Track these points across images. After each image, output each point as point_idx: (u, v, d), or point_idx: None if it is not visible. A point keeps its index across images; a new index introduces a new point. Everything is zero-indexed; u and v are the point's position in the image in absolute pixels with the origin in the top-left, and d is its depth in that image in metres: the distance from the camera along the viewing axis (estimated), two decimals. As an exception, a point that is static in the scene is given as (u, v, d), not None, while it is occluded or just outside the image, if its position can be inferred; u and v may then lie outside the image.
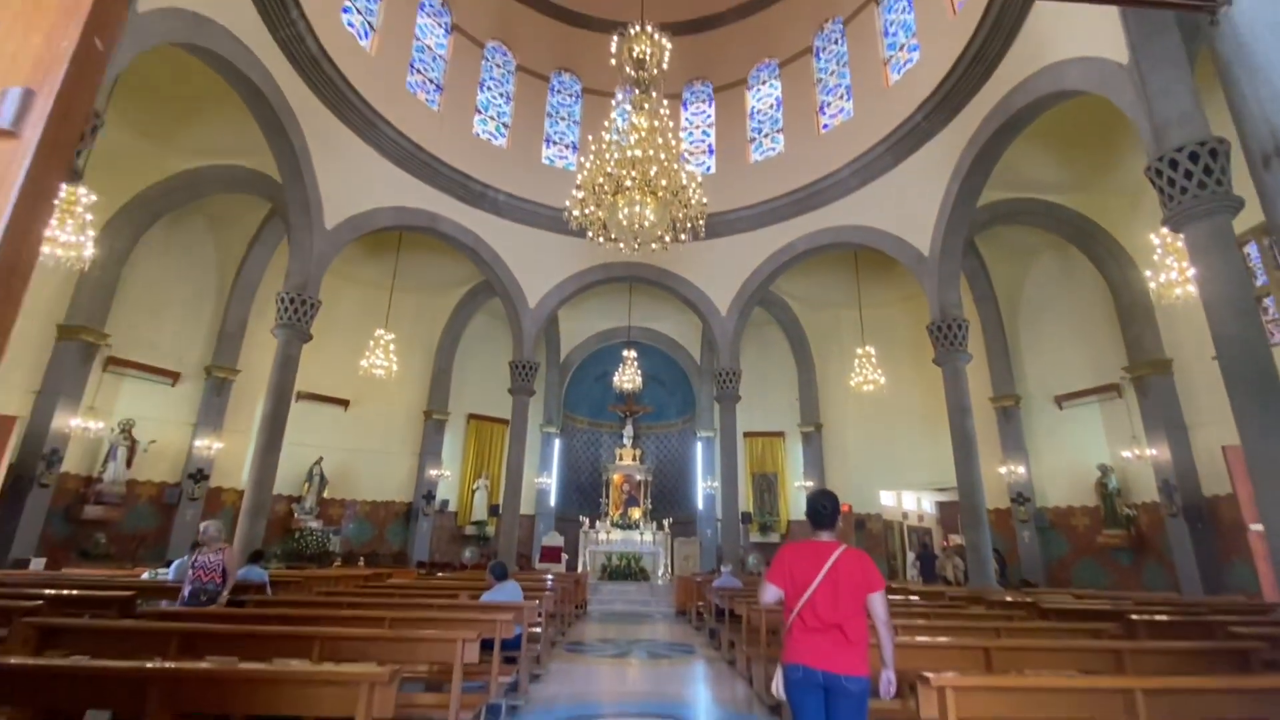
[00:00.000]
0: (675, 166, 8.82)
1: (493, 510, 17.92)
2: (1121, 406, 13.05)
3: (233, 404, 14.60)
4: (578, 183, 9.10)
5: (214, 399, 14.34)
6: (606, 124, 9.20)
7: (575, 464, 21.26)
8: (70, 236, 8.83)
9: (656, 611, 13.50)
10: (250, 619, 4.33)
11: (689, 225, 9.06)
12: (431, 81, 15.34)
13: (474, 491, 18.34)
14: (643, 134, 8.84)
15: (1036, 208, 12.93)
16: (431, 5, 15.52)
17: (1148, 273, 9.46)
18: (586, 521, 17.67)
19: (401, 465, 17.59)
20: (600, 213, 9.12)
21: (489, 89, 16.68)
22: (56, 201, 6.47)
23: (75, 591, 4.89)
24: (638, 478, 18.84)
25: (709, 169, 16.89)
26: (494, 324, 18.92)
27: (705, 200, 9.13)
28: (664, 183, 8.67)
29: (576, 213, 9.12)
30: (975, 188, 11.48)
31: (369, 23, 13.84)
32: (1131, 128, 10.36)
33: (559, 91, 17.86)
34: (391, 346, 14.35)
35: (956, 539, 17.72)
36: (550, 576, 12.02)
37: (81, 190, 8.92)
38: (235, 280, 14.75)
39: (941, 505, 18.31)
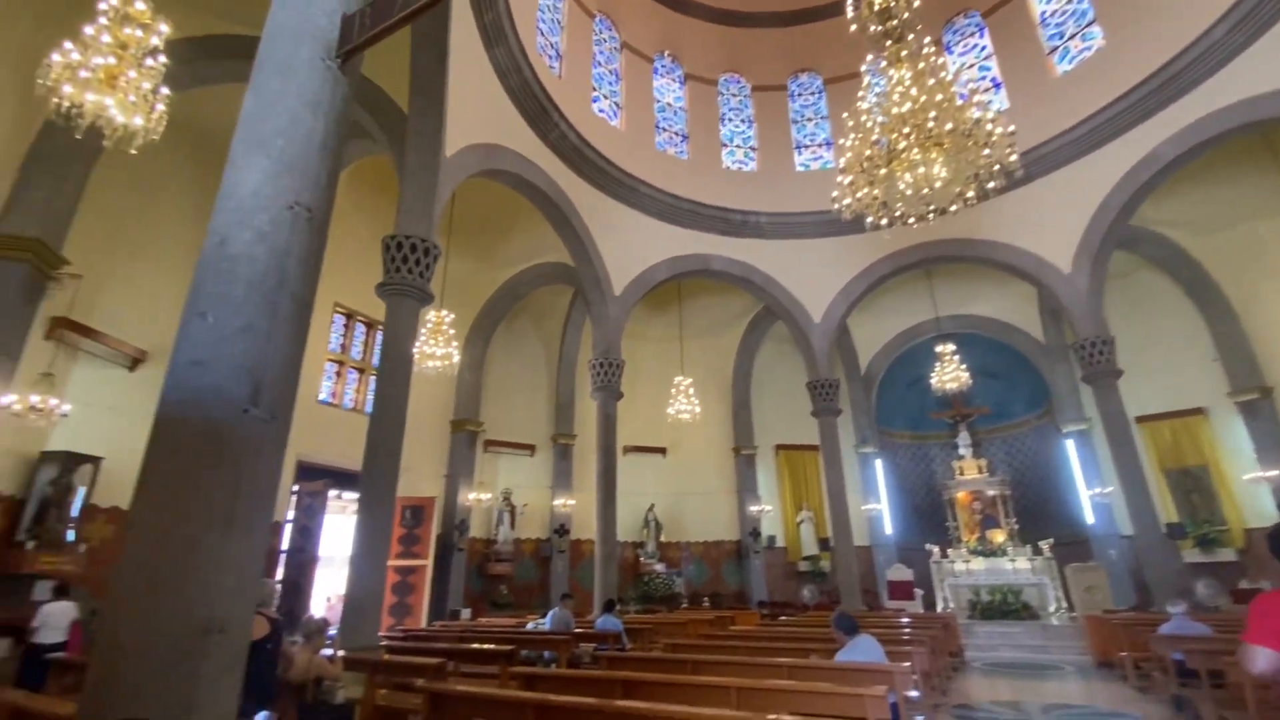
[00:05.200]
0: (959, 104, 7.17)
1: (823, 544, 16.76)
2: None
3: (576, 465, 16.64)
4: (841, 167, 8.07)
5: (561, 463, 16.58)
6: (861, 92, 8.03)
7: (905, 485, 18.81)
8: (442, 350, 11.14)
9: (1063, 662, 10.55)
10: (600, 686, 4.30)
11: (997, 167, 7.19)
12: (677, 134, 16.03)
13: (799, 524, 17.49)
14: (906, 85, 7.46)
15: None
16: (663, 65, 16.41)
17: None
18: (936, 550, 15.19)
19: (723, 504, 17.79)
20: (875, 191, 7.89)
21: (729, 120, 16.74)
22: (429, 324, 8.09)
23: (473, 645, 5.68)
24: (990, 493, 15.65)
25: (1001, 107, 13.88)
26: (782, 349, 18.27)
27: (1012, 129, 7.19)
28: (949, 127, 7.09)
29: (848, 200, 8.05)
30: None
31: (615, 104, 15.17)
32: None
33: (799, 95, 17.01)
34: (691, 391, 14.78)
35: None
36: (906, 618, 10.38)
37: (444, 312, 11.27)
38: (560, 359, 17.13)
39: None
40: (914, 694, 5.07)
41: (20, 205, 7.24)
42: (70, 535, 8.12)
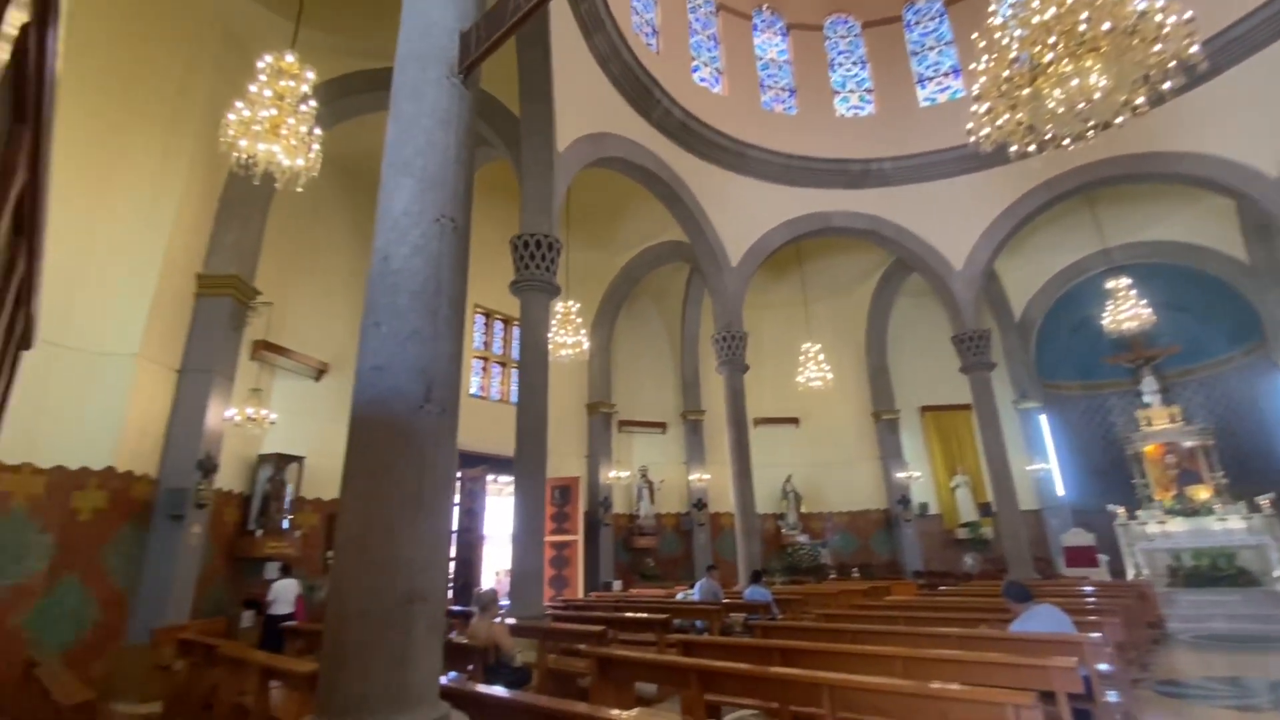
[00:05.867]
0: (1118, -3, 6.14)
1: (983, 510, 15.52)
2: None
3: (707, 440, 16.73)
4: (974, 95, 7.27)
5: (693, 438, 16.77)
6: (992, 6, 7.16)
7: (1077, 441, 16.81)
8: (572, 338, 11.66)
9: (1299, 634, 8.99)
10: (757, 654, 4.34)
11: (1173, 64, 6.10)
12: (784, 90, 15.31)
13: (954, 490, 16.32)
14: (1049, -13, 6.51)
15: None
16: (763, 20, 15.70)
17: None
18: (1121, 511, 13.49)
19: (866, 472, 17.06)
20: (1019, 115, 7.04)
21: (839, 65, 15.68)
22: (558, 315, 8.72)
23: (629, 614, 5.99)
24: (1187, 444, 13.56)
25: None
26: (921, 303, 16.99)
27: (1189, 15, 6.06)
28: (1106, 27, 6.11)
29: (986, 130, 7.25)
30: None
31: (716, 70, 14.79)
32: None
33: (917, 22, 15.52)
34: (820, 357, 14.23)
35: None
36: (1089, 587, 9.37)
37: (571, 302, 11.77)
38: (682, 337, 17.24)
39: None
40: (1106, 667, 4.59)
41: (219, 248, 8.54)
42: (285, 523, 9.60)
